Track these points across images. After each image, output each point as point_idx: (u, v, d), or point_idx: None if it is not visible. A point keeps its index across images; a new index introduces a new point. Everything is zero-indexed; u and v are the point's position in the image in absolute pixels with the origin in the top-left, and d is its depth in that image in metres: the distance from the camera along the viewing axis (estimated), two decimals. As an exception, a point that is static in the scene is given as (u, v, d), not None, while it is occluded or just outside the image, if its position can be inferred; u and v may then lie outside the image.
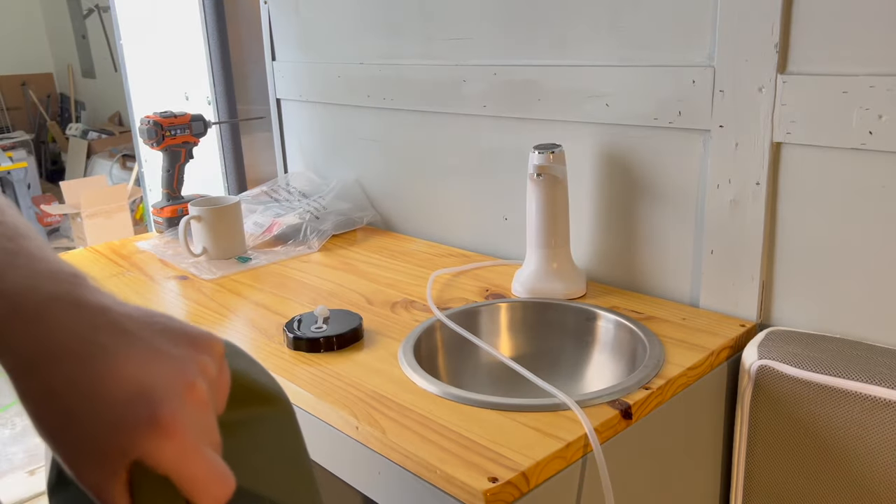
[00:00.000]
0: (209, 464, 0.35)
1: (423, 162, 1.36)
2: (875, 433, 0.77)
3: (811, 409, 0.81)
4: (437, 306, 1.02)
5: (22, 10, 5.25)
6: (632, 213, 1.07)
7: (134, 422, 0.33)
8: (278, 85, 1.63)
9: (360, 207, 1.48)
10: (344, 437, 0.78)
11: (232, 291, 1.14)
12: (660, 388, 0.80)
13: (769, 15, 0.86)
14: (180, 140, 1.43)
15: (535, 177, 1.01)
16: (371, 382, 0.83)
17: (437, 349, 0.97)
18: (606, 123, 1.06)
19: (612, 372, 0.95)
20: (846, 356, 0.81)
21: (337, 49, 1.46)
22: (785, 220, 0.92)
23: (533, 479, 0.67)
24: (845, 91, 0.82)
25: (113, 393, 0.33)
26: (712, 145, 0.95)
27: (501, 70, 1.17)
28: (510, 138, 1.20)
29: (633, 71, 1.01)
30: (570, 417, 0.74)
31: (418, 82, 1.31)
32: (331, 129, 1.54)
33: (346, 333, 0.92)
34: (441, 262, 1.25)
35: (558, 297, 1.03)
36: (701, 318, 0.97)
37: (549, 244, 1.04)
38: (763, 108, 0.89)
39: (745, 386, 0.85)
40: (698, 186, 0.99)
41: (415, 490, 0.71)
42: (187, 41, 1.89)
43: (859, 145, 0.83)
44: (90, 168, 4.43)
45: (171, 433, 0.33)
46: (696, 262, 1.02)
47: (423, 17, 1.28)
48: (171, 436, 0.33)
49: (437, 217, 1.37)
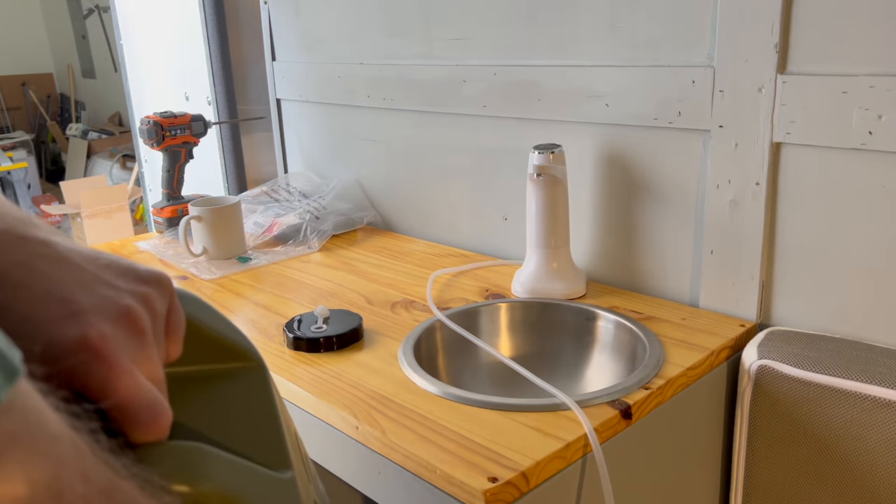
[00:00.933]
0: (140, 389, 0.34)
1: (423, 162, 1.36)
2: (874, 433, 0.77)
3: (811, 409, 0.81)
4: (437, 306, 1.02)
5: (22, 10, 5.25)
6: (632, 214, 1.07)
7: (63, 341, 0.33)
8: (278, 85, 1.63)
9: (360, 207, 1.48)
10: (344, 437, 0.78)
11: (232, 291, 1.14)
12: (660, 388, 0.80)
13: (769, 15, 0.86)
14: (180, 140, 1.43)
15: (534, 177, 1.01)
16: (371, 382, 0.83)
17: (437, 349, 0.97)
18: (606, 123, 1.06)
19: (611, 372, 0.96)
20: (846, 356, 0.82)
21: (337, 49, 1.46)
22: (785, 220, 0.92)
23: (533, 479, 0.67)
24: (845, 91, 0.82)
25: (46, 314, 0.33)
26: (712, 145, 0.95)
27: (501, 70, 1.17)
28: (510, 138, 1.20)
29: (633, 71, 1.01)
30: (570, 417, 0.74)
31: (418, 82, 1.31)
32: (331, 129, 1.54)
33: (346, 333, 0.92)
34: (441, 262, 1.25)
35: (558, 297, 1.03)
36: (701, 318, 0.97)
37: (548, 244, 1.04)
38: (763, 108, 0.89)
39: (744, 386, 0.85)
40: (698, 186, 0.99)
41: (415, 490, 0.71)
42: (187, 41, 1.89)
43: (859, 145, 0.83)
44: (90, 168, 4.43)
45: (99, 353, 0.33)
46: (695, 262, 1.02)
47: (423, 18, 1.28)
48: (98, 356, 0.33)
49: (437, 217, 1.37)
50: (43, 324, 0.33)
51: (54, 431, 0.27)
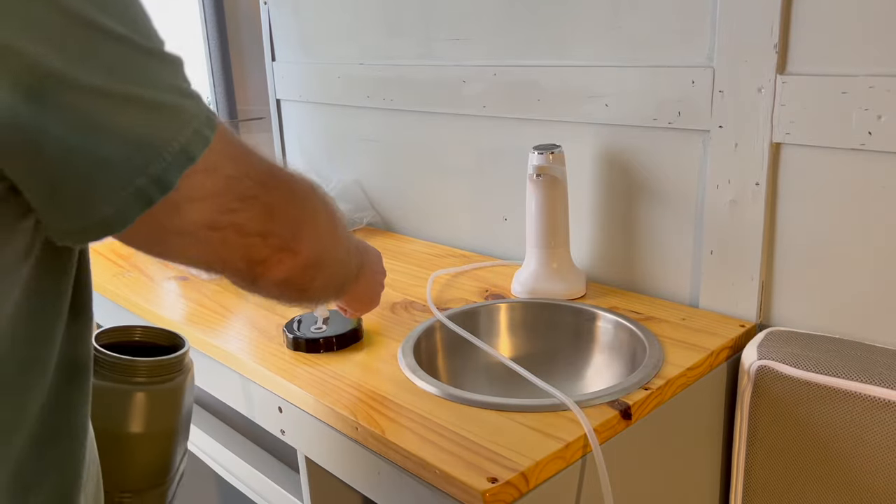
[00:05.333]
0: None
1: (423, 162, 1.36)
2: (874, 433, 0.77)
3: (810, 410, 0.81)
4: (437, 307, 1.02)
5: (22, 10, 5.25)
6: (631, 214, 1.07)
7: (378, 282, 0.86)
8: (278, 85, 1.63)
9: (360, 208, 1.48)
10: (344, 437, 0.78)
11: (232, 292, 1.14)
12: (659, 388, 0.80)
13: (769, 15, 0.86)
14: (180, 140, 1.42)
15: (534, 177, 1.01)
16: (371, 383, 0.83)
17: (436, 350, 0.97)
18: (606, 124, 1.06)
19: (611, 372, 0.96)
20: (845, 356, 0.82)
21: (337, 49, 1.46)
22: (784, 221, 0.92)
23: (532, 480, 0.67)
24: (845, 91, 0.82)
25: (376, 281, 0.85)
26: (712, 146, 0.95)
27: (501, 70, 1.17)
28: (510, 138, 1.20)
29: (633, 71, 1.01)
30: (570, 418, 0.74)
31: (418, 83, 1.31)
32: (331, 129, 1.54)
33: (346, 334, 0.92)
34: (441, 262, 1.25)
35: (558, 298, 1.03)
36: (700, 318, 0.97)
37: (548, 244, 1.04)
38: (762, 108, 0.89)
39: (744, 386, 0.85)
40: (698, 187, 0.99)
41: (414, 490, 0.71)
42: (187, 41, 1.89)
43: (859, 146, 0.83)
44: (90, 168, 4.42)
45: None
46: (695, 263, 1.02)
47: (423, 18, 1.28)
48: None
49: (437, 217, 1.37)
50: (373, 286, 0.85)
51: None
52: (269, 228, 0.51)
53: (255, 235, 0.51)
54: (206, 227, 0.47)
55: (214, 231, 0.48)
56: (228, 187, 0.47)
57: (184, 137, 0.43)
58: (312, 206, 0.57)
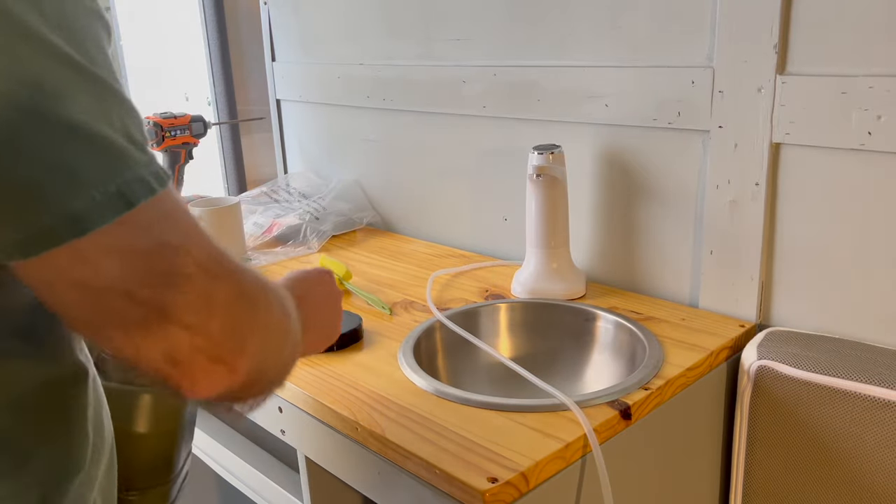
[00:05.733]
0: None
1: (423, 162, 1.36)
2: (874, 433, 0.77)
3: (810, 410, 0.81)
4: (437, 307, 1.02)
5: (22, 11, 5.25)
6: (631, 214, 1.07)
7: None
8: (278, 85, 1.63)
9: (360, 208, 1.48)
10: (344, 437, 0.78)
11: (232, 292, 1.13)
12: (659, 388, 0.80)
13: (768, 15, 0.86)
14: (180, 141, 1.43)
15: (534, 177, 1.01)
16: (371, 383, 0.83)
17: (436, 350, 0.97)
18: (606, 124, 1.06)
19: (611, 372, 0.96)
20: (845, 356, 0.82)
21: (337, 49, 1.47)
22: (784, 221, 0.92)
23: (532, 480, 0.67)
24: (844, 92, 0.82)
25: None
26: (711, 146, 0.95)
27: (501, 71, 1.17)
28: (510, 139, 1.20)
29: (633, 71, 1.01)
30: (570, 418, 0.74)
31: (418, 83, 1.31)
32: (331, 129, 1.54)
33: (346, 334, 0.92)
34: (441, 262, 1.25)
35: (558, 298, 1.03)
36: (700, 318, 0.97)
37: (548, 245, 1.04)
38: (762, 108, 0.89)
39: (744, 386, 0.85)
40: (698, 187, 0.99)
41: (414, 490, 0.71)
42: (187, 41, 1.89)
43: (858, 146, 0.83)
44: (90, 168, 4.42)
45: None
46: (695, 263, 1.02)
47: (423, 18, 1.28)
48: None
49: (436, 217, 1.37)
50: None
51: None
52: (205, 325, 0.41)
53: (182, 327, 0.40)
54: (120, 293, 0.39)
55: (132, 304, 0.39)
56: (161, 255, 0.40)
57: (122, 180, 0.38)
58: (265, 314, 0.46)
